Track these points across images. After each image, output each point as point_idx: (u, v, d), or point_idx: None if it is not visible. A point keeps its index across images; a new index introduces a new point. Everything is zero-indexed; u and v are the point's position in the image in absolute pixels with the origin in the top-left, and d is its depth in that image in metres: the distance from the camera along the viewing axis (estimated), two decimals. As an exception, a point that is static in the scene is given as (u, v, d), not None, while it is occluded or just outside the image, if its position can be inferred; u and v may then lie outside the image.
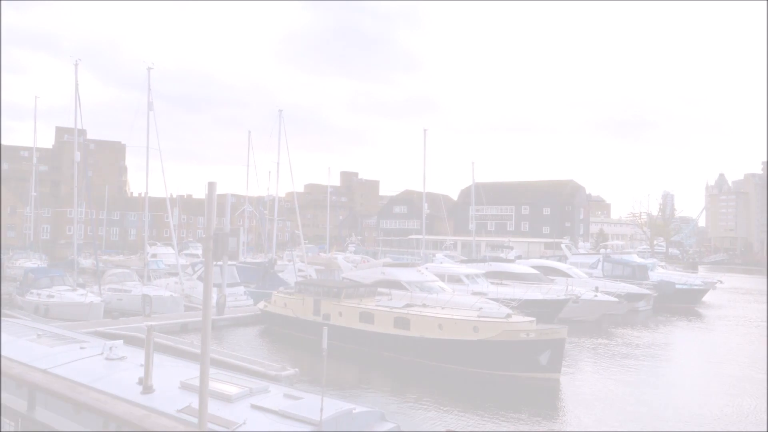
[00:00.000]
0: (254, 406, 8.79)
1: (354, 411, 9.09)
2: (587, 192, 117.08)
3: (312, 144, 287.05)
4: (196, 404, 7.72)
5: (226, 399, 8.93)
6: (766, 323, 34.20)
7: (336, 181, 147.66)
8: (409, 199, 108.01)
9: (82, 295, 26.99)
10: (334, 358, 20.38)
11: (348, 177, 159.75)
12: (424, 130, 45.44)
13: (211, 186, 6.64)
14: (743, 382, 20.24)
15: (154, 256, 46.21)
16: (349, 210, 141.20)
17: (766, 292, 54.77)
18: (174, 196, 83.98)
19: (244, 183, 59.13)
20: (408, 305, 23.01)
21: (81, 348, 11.35)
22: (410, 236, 78.49)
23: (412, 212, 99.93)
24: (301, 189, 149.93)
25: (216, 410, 8.38)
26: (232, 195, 66.76)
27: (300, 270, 37.12)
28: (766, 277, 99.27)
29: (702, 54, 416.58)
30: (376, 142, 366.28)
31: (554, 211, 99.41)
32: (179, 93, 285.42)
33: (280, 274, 37.32)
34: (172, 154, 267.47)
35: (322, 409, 8.31)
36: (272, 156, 36.62)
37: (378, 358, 21.57)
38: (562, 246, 60.38)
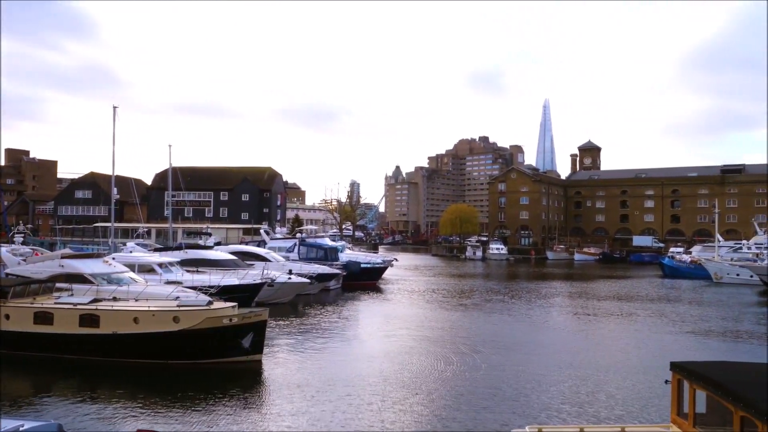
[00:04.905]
0: None
1: (22, 428, 7.85)
2: (284, 179, 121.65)
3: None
4: None
5: None
6: None
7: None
8: (94, 182, 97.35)
9: None
10: (-1, 369, 17.26)
11: (15, 155, 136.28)
12: (114, 108, 41.36)
13: None
14: (410, 350, 23.54)
15: None
16: (17, 194, 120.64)
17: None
18: None
19: None
20: (95, 300, 20.76)
21: None
22: (96, 224, 70.79)
23: (99, 197, 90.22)
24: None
25: None
26: None
27: (-53, 267, 30.29)
28: (430, 254, 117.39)
29: (382, 58, 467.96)
30: (50, 117, 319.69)
31: (253, 197, 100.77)
32: None
33: None
34: None
35: (-21, 432, 6.94)
36: None
37: (60, 363, 18.95)
38: (261, 231, 61.61)
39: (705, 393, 8.03)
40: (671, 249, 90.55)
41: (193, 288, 25.95)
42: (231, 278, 30.74)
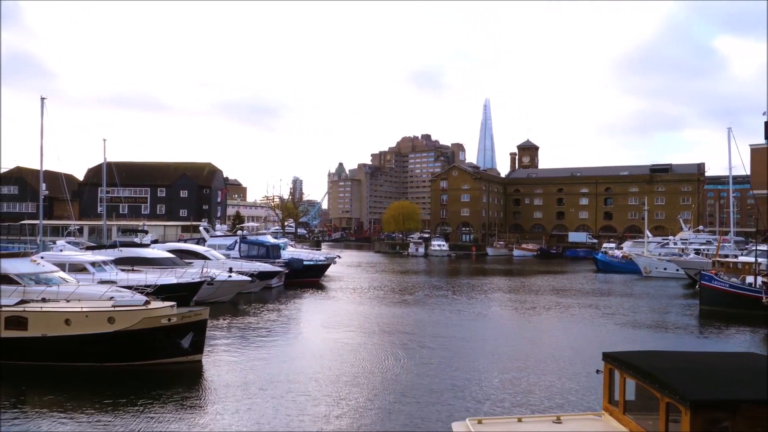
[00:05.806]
0: None
1: None
2: (225, 175, 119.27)
3: None
4: None
5: None
6: None
7: None
8: (21, 177, 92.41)
9: None
10: None
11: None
12: (42, 99, 39.52)
13: None
14: (354, 347, 23.61)
15: None
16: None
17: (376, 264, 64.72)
18: None
19: None
20: (23, 301, 19.77)
21: None
22: (23, 221, 67.36)
23: (26, 193, 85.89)
24: None
25: None
26: None
27: None
28: (373, 251, 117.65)
29: (324, 54, 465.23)
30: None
31: (192, 193, 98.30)
32: None
33: None
34: None
35: None
36: None
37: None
38: (201, 229, 60.15)
39: (634, 381, 8.42)
40: (604, 245, 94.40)
41: (129, 287, 25.10)
42: (169, 277, 29.93)
